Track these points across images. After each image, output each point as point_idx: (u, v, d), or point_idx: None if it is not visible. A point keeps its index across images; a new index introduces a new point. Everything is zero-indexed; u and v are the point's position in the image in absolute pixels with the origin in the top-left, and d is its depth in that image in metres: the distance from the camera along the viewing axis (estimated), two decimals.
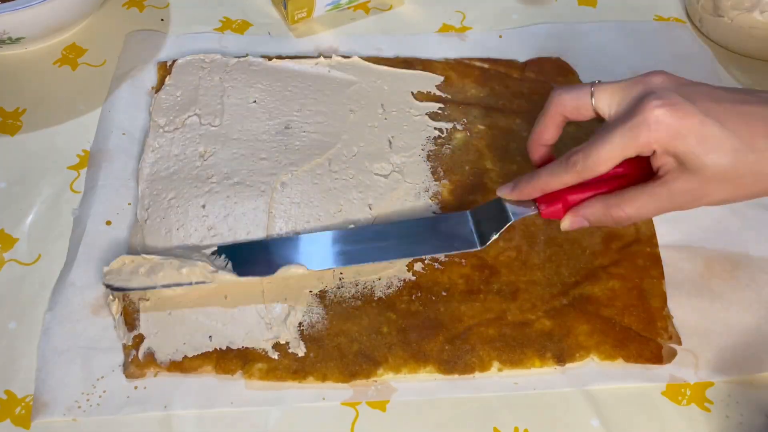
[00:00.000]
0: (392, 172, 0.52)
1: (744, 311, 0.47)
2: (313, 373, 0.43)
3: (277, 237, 0.48)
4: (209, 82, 0.56)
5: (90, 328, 0.45)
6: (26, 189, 0.51)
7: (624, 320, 0.46)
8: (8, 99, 0.57)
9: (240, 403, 0.43)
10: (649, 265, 0.48)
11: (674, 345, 0.45)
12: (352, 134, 0.54)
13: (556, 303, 0.46)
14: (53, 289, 0.46)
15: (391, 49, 0.61)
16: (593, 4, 0.66)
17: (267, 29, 0.63)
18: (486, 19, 0.64)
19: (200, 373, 0.43)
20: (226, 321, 0.45)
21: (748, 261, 0.49)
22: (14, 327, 0.45)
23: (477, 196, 0.51)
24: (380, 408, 0.43)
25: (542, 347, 0.44)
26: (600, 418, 0.43)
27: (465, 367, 0.44)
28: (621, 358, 0.44)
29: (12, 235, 0.49)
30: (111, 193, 0.51)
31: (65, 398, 0.42)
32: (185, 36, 0.62)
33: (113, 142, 0.54)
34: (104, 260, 0.47)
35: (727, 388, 0.44)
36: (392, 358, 0.44)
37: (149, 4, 0.64)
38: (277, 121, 0.54)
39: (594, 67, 0.60)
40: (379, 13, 0.65)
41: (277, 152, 0.52)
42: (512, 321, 0.45)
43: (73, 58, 0.60)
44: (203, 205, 0.49)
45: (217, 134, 0.53)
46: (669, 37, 0.63)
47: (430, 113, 0.56)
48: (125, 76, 0.58)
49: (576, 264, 0.48)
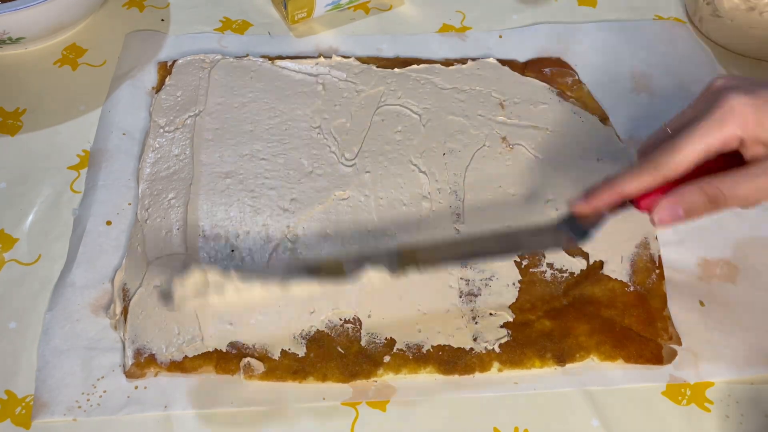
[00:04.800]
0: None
1: (744, 311, 0.47)
2: (313, 373, 0.43)
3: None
4: (209, 83, 0.56)
5: (90, 328, 0.45)
6: (26, 189, 0.51)
7: (624, 321, 0.46)
8: (8, 99, 0.57)
9: (240, 403, 0.43)
10: (650, 265, 0.48)
11: (674, 345, 0.45)
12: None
13: (556, 303, 0.46)
14: (53, 289, 0.46)
15: (391, 49, 0.61)
16: (593, 4, 0.66)
17: (267, 29, 0.63)
18: (486, 19, 0.65)
19: (200, 373, 0.43)
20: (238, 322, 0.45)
21: (748, 261, 0.49)
22: (14, 327, 0.45)
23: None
24: (380, 408, 0.43)
25: (542, 347, 0.44)
26: (600, 419, 0.43)
27: (465, 368, 0.44)
28: (621, 359, 0.44)
29: (12, 235, 0.49)
30: (111, 193, 0.51)
31: (65, 398, 0.42)
32: (185, 36, 0.62)
33: (113, 142, 0.54)
34: (104, 260, 0.47)
35: (727, 388, 0.44)
36: (392, 358, 0.44)
37: (149, 5, 0.64)
38: (277, 120, 0.54)
39: (593, 66, 0.60)
40: (379, 13, 0.65)
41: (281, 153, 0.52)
42: (512, 321, 0.45)
43: (73, 58, 0.60)
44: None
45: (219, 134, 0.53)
46: (669, 37, 0.63)
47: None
48: (125, 76, 0.58)
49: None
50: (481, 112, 0.55)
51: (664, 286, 0.47)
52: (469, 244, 0.48)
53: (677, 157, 0.38)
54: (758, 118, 0.37)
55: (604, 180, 0.41)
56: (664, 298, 0.47)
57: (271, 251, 0.47)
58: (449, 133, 0.54)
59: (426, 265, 0.45)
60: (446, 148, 0.53)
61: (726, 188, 0.38)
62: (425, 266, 0.45)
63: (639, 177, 0.39)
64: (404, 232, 0.49)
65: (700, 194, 0.38)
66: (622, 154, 0.54)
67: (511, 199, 0.51)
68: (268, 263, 0.47)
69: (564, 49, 0.61)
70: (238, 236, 0.48)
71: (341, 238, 0.48)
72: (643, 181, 0.39)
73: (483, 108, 0.56)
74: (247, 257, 0.47)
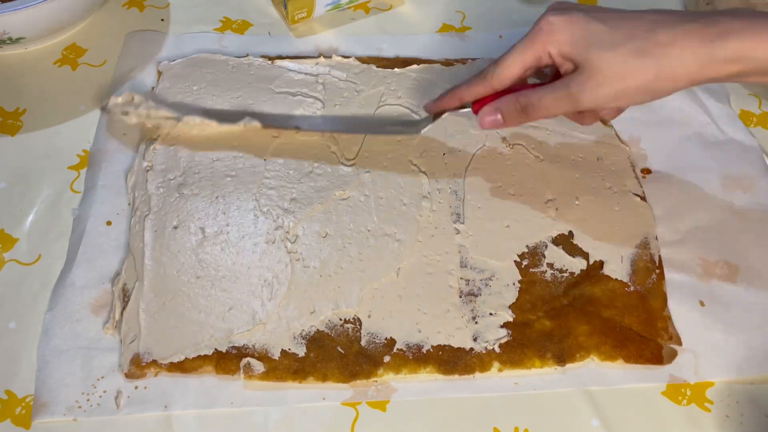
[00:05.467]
0: None
1: (744, 311, 0.47)
2: (313, 374, 0.43)
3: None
4: (209, 83, 0.56)
5: (90, 328, 0.45)
6: (26, 189, 0.51)
7: (624, 321, 0.46)
8: (8, 99, 0.57)
9: (240, 403, 0.43)
10: (650, 265, 0.48)
11: (674, 345, 0.45)
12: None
13: (556, 303, 0.46)
14: (53, 289, 0.46)
15: (392, 49, 0.61)
16: (593, 4, 0.66)
17: (267, 29, 0.63)
18: (486, 19, 0.65)
19: (200, 374, 0.43)
20: (222, 314, 0.45)
21: (748, 262, 0.49)
22: (14, 327, 0.45)
23: None
24: (380, 408, 0.43)
25: (542, 347, 0.44)
26: (600, 419, 0.43)
27: (465, 368, 0.44)
28: (621, 359, 0.44)
29: (12, 235, 0.49)
30: (111, 194, 0.51)
31: (65, 398, 0.42)
32: (185, 36, 0.62)
33: (113, 142, 0.54)
34: (104, 261, 0.47)
35: (727, 388, 0.44)
36: (392, 359, 0.44)
37: (149, 5, 0.64)
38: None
39: None
40: (380, 13, 0.65)
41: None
42: (512, 321, 0.45)
43: (73, 58, 0.60)
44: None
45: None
46: None
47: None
48: (125, 76, 0.58)
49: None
50: None
51: (664, 286, 0.47)
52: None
53: (500, 70, 0.45)
54: (563, 36, 0.41)
55: (449, 88, 0.49)
56: (664, 298, 0.47)
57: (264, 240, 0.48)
58: (449, 133, 0.54)
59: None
60: (446, 148, 0.53)
61: (535, 99, 0.43)
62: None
63: (473, 86, 0.46)
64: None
65: (515, 103, 0.44)
66: (622, 154, 0.54)
67: (511, 199, 0.51)
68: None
69: None
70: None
71: (341, 238, 0.48)
72: (475, 90, 0.46)
73: None
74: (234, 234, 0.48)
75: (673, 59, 0.39)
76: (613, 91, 0.41)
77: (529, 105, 0.44)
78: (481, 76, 0.46)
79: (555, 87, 0.42)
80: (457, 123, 0.55)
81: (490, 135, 0.54)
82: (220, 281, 0.46)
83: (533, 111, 0.44)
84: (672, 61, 0.39)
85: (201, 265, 0.47)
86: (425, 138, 0.54)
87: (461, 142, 0.54)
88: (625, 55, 0.40)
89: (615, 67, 0.40)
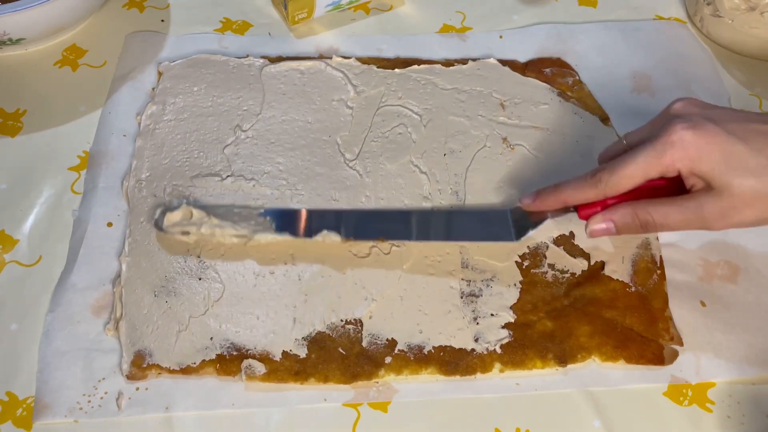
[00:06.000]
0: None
1: (745, 312, 0.47)
2: (314, 375, 0.43)
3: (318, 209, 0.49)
4: (209, 83, 0.56)
5: (91, 329, 0.45)
6: (27, 190, 0.51)
7: (625, 321, 0.46)
8: (9, 100, 0.57)
9: (241, 404, 0.43)
10: (651, 266, 0.48)
11: (675, 346, 0.45)
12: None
13: (557, 304, 0.46)
14: (54, 290, 0.46)
15: (392, 49, 0.61)
16: (593, 4, 0.66)
17: (267, 30, 0.63)
18: (486, 19, 0.64)
19: (201, 375, 0.43)
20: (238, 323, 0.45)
21: (749, 262, 0.49)
22: (15, 329, 0.45)
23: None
24: (382, 409, 0.43)
25: (544, 348, 0.44)
26: (601, 419, 0.43)
27: (466, 368, 0.44)
28: (622, 359, 0.44)
29: (13, 236, 0.49)
30: (112, 195, 0.51)
31: (66, 400, 0.42)
32: (185, 37, 0.61)
33: (114, 143, 0.53)
34: (105, 262, 0.47)
35: (728, 389, 0.44)
36: (394, 359, 0.44)
37: (149, 5, 0.64)
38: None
39: (594, 67, 0.60)
40: (380, 13, 0.65)
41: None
42: (513, 322, 0.45)
43: (73, 59, 0.60)
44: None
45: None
46: (669, 36, 0.63)
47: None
48: (126, 77, 0.58)
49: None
50: (482, 113, 0.55)
51: (666, 287, 0.47)
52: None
53: (618, 179, 0.41)
54: (698, 154, 0.38)
55: (553, 185, 0.44)
56: (666, 299, 0.47)
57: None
58: (450, 133, 0.54)
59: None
60: (447, 149, 0.53)
61: (657, 216, 0.41)
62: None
63: (583, 190, 0.43)
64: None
65: (632, 217, 0.41)
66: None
67: (512, 200, 0.51)
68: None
69: (564, 50, 0.61)
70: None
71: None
72: (585, 194, 0.43)
73: (484, 108, 0.56)
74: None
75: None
76: (755, 217, 0.39)
77: (650, 223, 0.41)
78: (591, 180, 0.42)
79: (684, 206, 0.40)
80: (457, 124, 0.55)
81: (491, 135, 0.54)
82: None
83: (654, 227, 0.41)
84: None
85: (202, 267, 0.47)
86: (426, 138, 0.54)
87: (462, 142, 0.54)
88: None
89: (760, 194, 0.38)
